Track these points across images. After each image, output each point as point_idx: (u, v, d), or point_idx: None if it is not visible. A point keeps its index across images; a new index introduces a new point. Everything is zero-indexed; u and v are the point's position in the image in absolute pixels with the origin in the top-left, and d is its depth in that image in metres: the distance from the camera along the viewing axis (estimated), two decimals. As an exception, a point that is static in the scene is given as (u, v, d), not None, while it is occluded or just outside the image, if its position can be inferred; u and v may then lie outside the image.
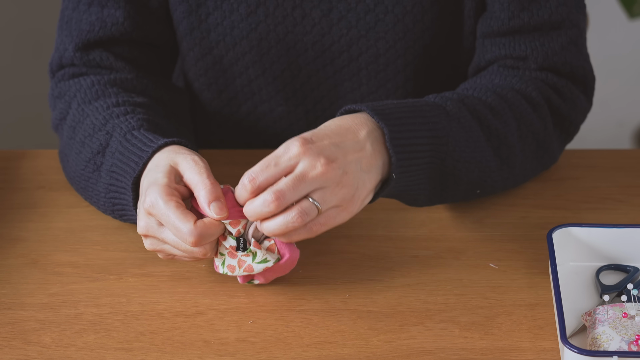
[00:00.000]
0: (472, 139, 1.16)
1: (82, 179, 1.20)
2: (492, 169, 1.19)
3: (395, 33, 1.29)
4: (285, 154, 1.05)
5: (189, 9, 1.30)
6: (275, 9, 1.29)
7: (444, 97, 1.18)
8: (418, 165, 1.11)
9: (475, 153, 1.16)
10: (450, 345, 1.06)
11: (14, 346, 1.07)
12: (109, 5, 1.28)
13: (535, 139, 1.23)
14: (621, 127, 2.70)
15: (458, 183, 1.17)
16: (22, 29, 2.50)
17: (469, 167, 1.16)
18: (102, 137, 1.18)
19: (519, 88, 1.24)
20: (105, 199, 1.17)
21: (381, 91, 1.34)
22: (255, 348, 1.06)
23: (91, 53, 1.29)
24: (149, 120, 1.19)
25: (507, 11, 1.25)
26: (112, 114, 1.19)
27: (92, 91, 1.24)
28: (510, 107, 1.21)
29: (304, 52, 1.32)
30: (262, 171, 1.04)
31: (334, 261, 1.17)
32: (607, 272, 1.15)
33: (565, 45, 1.26)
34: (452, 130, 1.14)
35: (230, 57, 1.33)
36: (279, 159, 1.05)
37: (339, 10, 1.29)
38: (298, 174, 1.04)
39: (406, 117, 1.11)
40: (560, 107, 1.26)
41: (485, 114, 1.19)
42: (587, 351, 0.99)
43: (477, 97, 1.21)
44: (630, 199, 1.27)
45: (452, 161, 1.14)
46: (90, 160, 1.18)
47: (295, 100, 1.37)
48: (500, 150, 1.19)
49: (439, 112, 1.14)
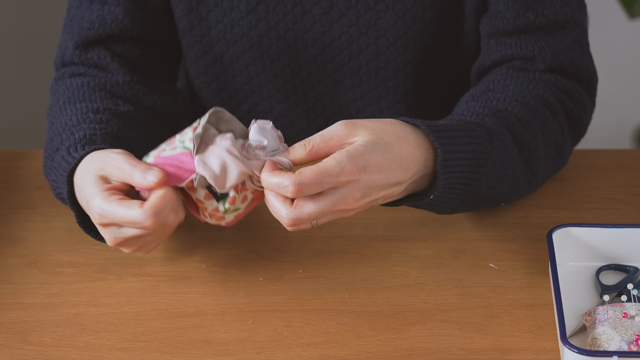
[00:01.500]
0: (508, 156, 1.15)
1: (45, 172, 1.20)
2: (521, 183, 1.18)
3: (395, 31, 1.29)
4: (338, 176, 1.02)
5: (190, 6, 1.31)
6: (276, 6, 1.29)
7: (480, 114, 1.16)
8: (453, 184, 1.10)
9: (508, 171, 1.15)
10: (450, 345, 1.06)
11: (14, 346, 1.07)
12: (109, 3, 1.28)
13: (555, 145, 1.22)
14: (621, 127, 2.70)
15: (489, 200, 1.16)
16: (23, 31, 2.50)
17: (502, 185, 1.15)
18: (65, 137, 1.17)
19: (537, 94, 1.23)
20: (55, 194, 1.17)
21: (381, 89, 1.34)
22: (255, 348, 1.06)
23: (90, 51, 1.29)
24: (115, 135, 1.17)
25: (512, 10, 1.25)
26: (87, 119, 1.19)
27: (79, 92, 1.25)
28: (535, 117, 1.20)
29: (304, 49, 1.32)
30: (311, 186, 1.01)
31: (334, 261, 1.17)
32: (607, 272, 1.15)
33: (570, 45, 1.26)
34: (494, 150, 1.13)
35: (231, 54, 1.33)
36: (330, 179, 1.01)
37: (339, 8, 1.29)
38: (332, 201, 1.02)
39: (456, 137, 1.10)
40: (574, 110, 1.25)
41: (517, 127, 1.17)
42: (587, 351, 0.99)
43: (505, 108, 1.19)
44: (630, 199, 1.27)
45: (487, 181, 1.13)
46: (49, 157, 1.18)
47: (296, 98, 1.37)
48: (531, 163, 1.18)
49: (482, 132, 1.13)
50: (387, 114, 1.37)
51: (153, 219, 1.03)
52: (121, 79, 1.28)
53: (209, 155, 1.04)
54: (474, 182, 1.12)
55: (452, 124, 1.11)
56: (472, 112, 1.17)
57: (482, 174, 1.12)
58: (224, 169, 1.03)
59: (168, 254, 1.18)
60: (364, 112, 1.38)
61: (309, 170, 1.01)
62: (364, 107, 1.37)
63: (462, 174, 1.10)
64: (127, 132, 1.20)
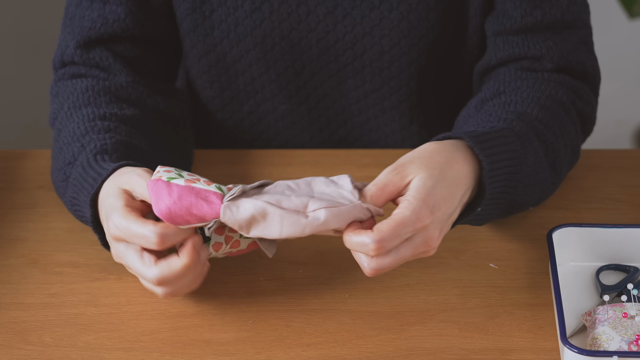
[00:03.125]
0: (538, 159, 1.15)
1: (56, 185, 1.20)
2: (548, 185, 1.18)
3: (399, 30, 1.29)
4: (414, 224, 1.02)
5: (193, 5, 1.30)
6: (280, 5, 1.29)
7: (506, 119, 1.16)
8: (493, 194, 1.10)
9: (539, 174, 1.15)
10: (450, 345, 1.06)
11: (14, 346, 1.07)
12: (110, 2, 1.28)
13: (571, 145, 1.22)
14: (621, 127, 2.70)
15: (522, 206, 1.16)
16: (23, 30, 2.50)
17: (534, 189, 1.16)
18: (76, 149, 1.17)
19: (550, 94, 1.22)
20: (72, 210, 1.16)
21: (385, 89, 1.34)
22: (255, 348, 1.06)
23: (92, 51, 1.29)
24: (124, 142, 1.17)
25: (520, 9, 1.25)
26: (95, 127, 1.18)
27: (84, 96, 1.24)
28: (553, 117, 1.20)
29: (308, 49, 1.32)
30: (390, 241, 1.01)
31: (334, 261, 1.17)
32: (607, 272, 1.15)
33: (576, 44, 1.27)
34: (527, 155, 1.13)
35: (234, 54, 1.33)
36: (408, 229, 1.02)
37: (343, 8, 1.29)
38: (413, 246, 1.02)
39: (496, 146, 1.10)
40: (584, 110, 1.25)
41: (541, 130, 1.17)
42: (587, 351, 0.99)
43: (526, 112, 1.19)
44: (630, 199, 1.27)
45: (522, 187, 1.13)
46: (62, 170, 1.17)
47: (298, 98, 1.37)
48: (555, 164, 1.18)
49: (515, 139, 1.13)
50: (390, 114, 1.37)
51: (160, 238, 1.02)
52: (124, 80, 1.28)
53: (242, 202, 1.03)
54: (511, 190, 1.12)
55: (489, 131, 1.11)
56: (499, 117, 1.17)
57: (518, 180, 1.12)
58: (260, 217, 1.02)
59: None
60: (366, 112, 1.37)
61: (386, 226, 1.01)
62: (367, 107, 1.37)
63: (502, 182, 1.10)
64: (135, 138, 1.19)
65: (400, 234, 1.01)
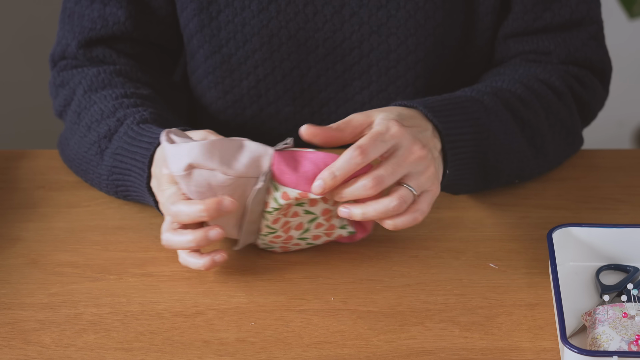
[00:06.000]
0: (509, 131, 1.20)
1: (84, 161, 1.23)
2: (529, 157, 1.23)
3: (406, 29, 1.30)
4: (387, 132, 1.07)
5: (200, 6, 1.31)
6: (287, 5, 1.29)
7: (480, 91, 1.22)
8: (462, 159, 1.15)
9: (513, 144, 1.21)
10: (450, 345, 1.06)
11: (14, 346, 1.07)
12: (111, 4, 1.29)
13: (564, 126, 1.27)
14: (621, 127, 2.70)
15: (500, 174, 1.21)
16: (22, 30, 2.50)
17: (509, 157, 1.21)
18: (112, 124, 1.20)
19: (543, 77, 1.28)
20: (108, 181, 1.20)
21: (391, 88, 1.34)
22: (255, 348, 1.06)
23: (94, 50, 1.31)
24: (158, 114, 1.21)
25: (531, 13, 1.29)
26: (122, 104, 1.22)
27: (98, 79, 1.27)
28: (537, 97, 1.25)
29: (314, 49, 1.32)
30: (371, 145, 1.05)
31: (334, 261, 1.17)
32: (607, 272, 1.15)
33: (585, 41, 1.31)
34: (492, 124, 1.18)
35: (240, 55, 1.33)
36: (384, 136, 1.06)
37: (350, 7, 1.29)
38: (398, 158, 1.06)
39: (453, 114, 1.15)
40: (583, 95, 1.30)
41: (518, 106, 1.23)
42: (587, 351, 0.99)
43: (506, 89, 1.24)
44: (630, 199, 1.27)
45: (493, 154, 1.18)
46: (95, 144, 1.21)
47: (302, 100, 1.37)
48: (535, 140, 1.23)
49: (479, 107, 1.18)
50: None
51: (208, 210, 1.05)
52: (130, 67, 1.29)
53: None
54: (481, 155, 1.17)
55: (448, 100, 1.17)
56: (474, 89, 1.23)
57: (487, 146, 1.17)
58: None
59: (168, 254, 1.17)
60: None
61: (365, 137, 1.05)
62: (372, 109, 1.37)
63: (468, 148, 1.15)
64: (163, 112, 1.23)
65: (376, 140, 1.05)
